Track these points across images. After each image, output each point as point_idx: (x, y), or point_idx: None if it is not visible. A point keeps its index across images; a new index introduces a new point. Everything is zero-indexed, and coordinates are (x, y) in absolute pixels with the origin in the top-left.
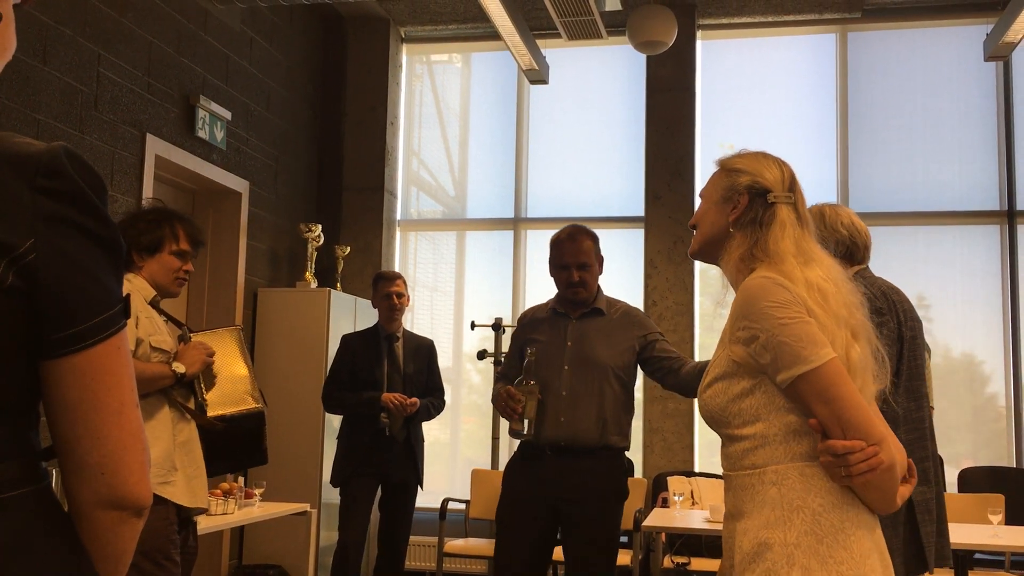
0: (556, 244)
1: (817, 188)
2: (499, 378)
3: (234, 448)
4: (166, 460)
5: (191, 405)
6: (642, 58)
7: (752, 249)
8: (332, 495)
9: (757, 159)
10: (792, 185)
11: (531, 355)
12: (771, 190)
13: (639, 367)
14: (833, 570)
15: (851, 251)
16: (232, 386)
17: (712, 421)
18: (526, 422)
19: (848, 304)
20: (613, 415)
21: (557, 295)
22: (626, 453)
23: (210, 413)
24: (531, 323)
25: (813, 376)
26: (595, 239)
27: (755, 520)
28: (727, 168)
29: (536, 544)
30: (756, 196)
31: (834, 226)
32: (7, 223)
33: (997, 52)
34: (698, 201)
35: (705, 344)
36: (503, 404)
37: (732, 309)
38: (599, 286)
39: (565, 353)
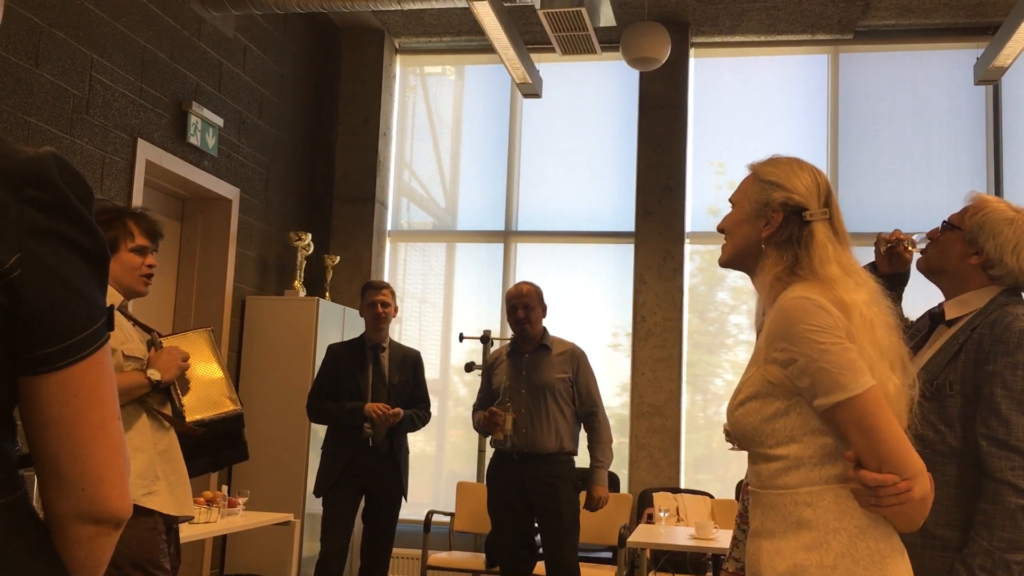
0: (508, 296)
1: None
2: (476, 408)
3: (214, 448)
4: (148, 470)
5: (168, 412)
6: (635, 74)
7: (793, 268)
8: (316, 505)
9: (792, 170)
10: (828, 198)
11: (505, 382)
12: (807, 208)
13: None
14: None
15: None
16: (207, 390)
17: (743, 439)
18: (505, 435)
19: (888, 329)
20: (566, 428)
21: (512, 337)
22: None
23: (188, 418)
24: (495, 363)
25: (852, 404)
26: (538, 290)
27: (790, 542)
28: (760, 178)
29: (519, 527)
30: (791, 214)
31: None
32: None
33: (987, 76)
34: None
35: (693, 361)
36: (487, 421)
37: (768, 328)
38: (545, 328)
39: (521, 380)
